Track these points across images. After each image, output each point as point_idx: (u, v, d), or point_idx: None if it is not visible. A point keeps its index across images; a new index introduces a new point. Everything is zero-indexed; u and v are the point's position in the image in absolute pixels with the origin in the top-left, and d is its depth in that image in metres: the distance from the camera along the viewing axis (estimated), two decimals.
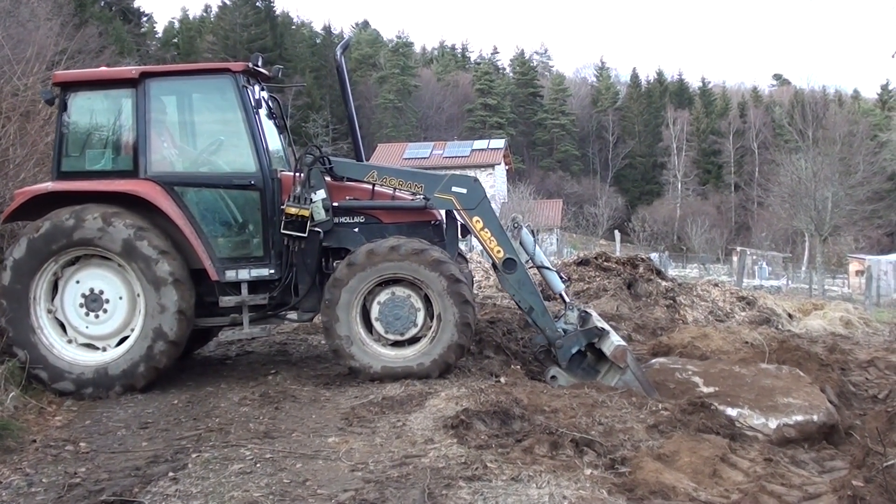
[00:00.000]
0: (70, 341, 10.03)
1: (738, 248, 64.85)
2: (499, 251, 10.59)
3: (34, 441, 7.99)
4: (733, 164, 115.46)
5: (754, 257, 64.96)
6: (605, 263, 20.21)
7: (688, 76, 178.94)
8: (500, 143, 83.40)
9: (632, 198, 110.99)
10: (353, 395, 9.55)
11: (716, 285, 21.24)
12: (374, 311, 10.14)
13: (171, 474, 6.85)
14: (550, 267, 11.59)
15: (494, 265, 10.79)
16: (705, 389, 9.74)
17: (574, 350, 10.38)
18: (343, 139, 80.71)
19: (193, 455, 7.36)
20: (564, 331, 10.57)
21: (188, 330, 10.19)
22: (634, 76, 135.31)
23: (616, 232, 55.23)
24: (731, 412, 9.06)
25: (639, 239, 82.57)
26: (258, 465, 7.11)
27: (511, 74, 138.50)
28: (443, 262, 9.99)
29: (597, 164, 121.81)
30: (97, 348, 10.08)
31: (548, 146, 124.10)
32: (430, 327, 10.17)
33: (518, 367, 10.61)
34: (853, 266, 61.65)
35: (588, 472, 6.88)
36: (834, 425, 9.20)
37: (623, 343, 10.13)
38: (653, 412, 8.68)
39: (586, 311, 11.18)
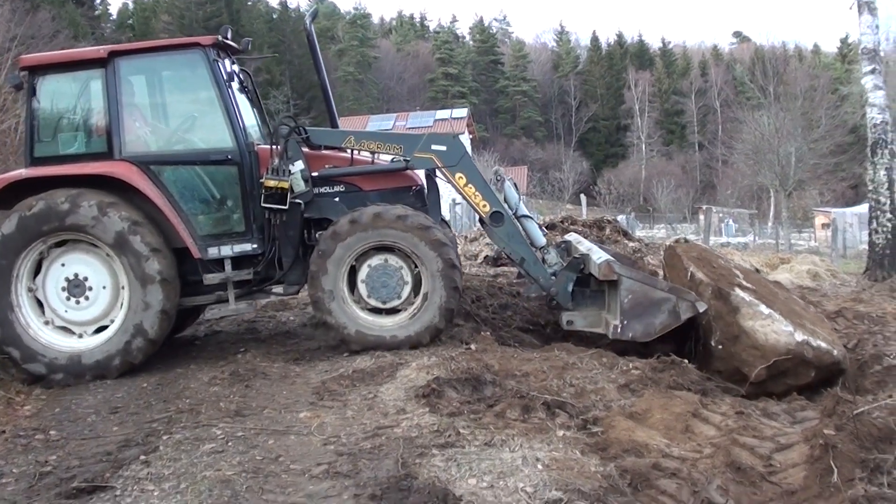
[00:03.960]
0: (47, 322, 9.93)
1: (704, 207, 65.09)
2: (484, 205, 10.57)
3: (3, 432, 7.88)
4: (696, 123, 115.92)
5: (721, 215, 65.30)
6: (572, 227, 20.12)
7: (648, 37, 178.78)
8: (462, 112, 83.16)
9: (596, 161, 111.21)
10: (323, 369, 9.51)
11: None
12: (363, 273, 10.12)
13: (142, 457, 6.78)
14: (533, 217, 11.49)
15: (481, 220, 10.77)
16: (745, 283, 9.72)
17: (570, 288, 10.39)
18: (304, 114, 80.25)
19: (164, 437, 7.28)
20: (554, 274, 10.55)
21: (168, 330, 10.12)
22: (594, 39, 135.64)
23: (582, 196, 55.45)
24: (764, 310, 9.10)
25: (605, 202, 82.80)
26: (230, 443, 7.05)
27: (471, 42, 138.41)
28: (443, 245, 9.96)
29: (560, 130, 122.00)
30: (73, 333, 9.99)
31: (510, 113, 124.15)
32: (414, 304, 10.16)
33: (488, 333, 10.55)
34: (819, 219, 62.04)
35: (560, 433, 6.87)
36: (843, 371, 9.25)
37: (606, 257, 9.98)
38: (623, 371, 8.71)
39: (564, 242, 11.22)
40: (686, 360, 9.10)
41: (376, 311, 10.22)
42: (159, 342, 9.99)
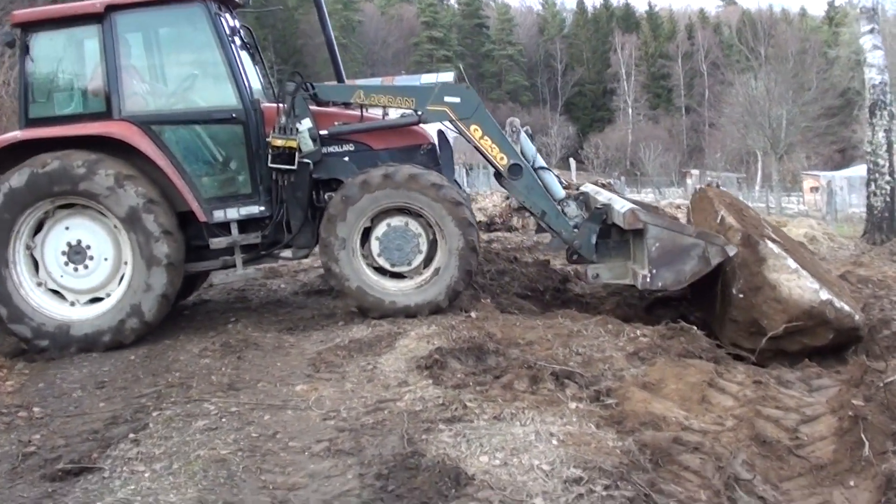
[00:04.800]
0: (40, 284, 9.56)
1: (692, 170, 64.92)
2: (502, 158, 10.16)
3: None
4: (683, 86, 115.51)
5: (709, 178, 65.07)
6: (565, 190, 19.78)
7: (634, 0, 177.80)
8: (448, 76, 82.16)
9: (583, 126, 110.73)
10: (318, 339, 9.15)
11: (677, 207, 21.03)
12: (380, 230, 9.78)
13: (131, 436, 6.41)
14: (550, 169, 11.08)
15: (498, 173, 10.37)
16: (774, 236, 9.48)
17: (593, 241, 10.00)
18: (283, 83, 79.38)
19: (154, 413, 6.92)
20: (576, 227, 10.15)
21: (166, 313, 9.73)
22: (580, 2, 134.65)
23: (571, 160, 55.07)
24: (791, 264, 8.84)
25: (593, 166, 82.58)
26: (224, 419, 6.71)
27: (456, 6, 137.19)
28: (470, 225, 9.68)
29: (546, 94, 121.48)
30: (66, 300, 9.62)
31: (496, 78, 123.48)
32: (423, 275, 9.85)
33: (488, 300, 10.27)
34: (808, 183, 61.87)
35: (573, 405, 6.56)
36: (860, 338, 9.02)
37: (630, 206, 9.60)
38: (631, 339, 8.42)
39: (582, 194, 10.87)
40: (695, 327, 8.81)
41: (381, 271, 9.90)
42: (154, 326, 9.61)
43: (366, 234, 9.82)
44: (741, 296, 9.12)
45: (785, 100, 60.79)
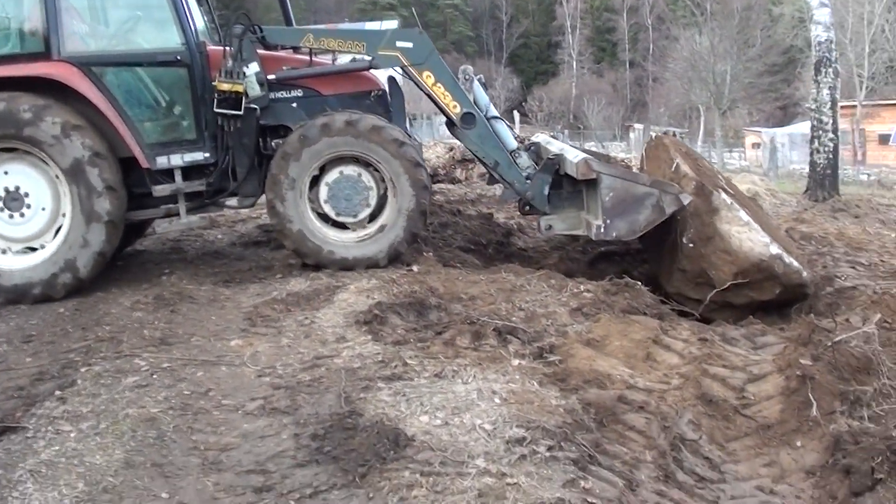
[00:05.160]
0: None
1: (636, 125, 65.06)
2: (455, 106, 9.98)
3: None
4: (628, 41, 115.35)
5: (653, 133, 65.20)
6: None
7: None
8: (392, 23, 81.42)
9: (527, 78, 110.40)
10: (254, 292, 8.91)
11: (621, 161, 20.90)
12: (332, 176, 9.59)
13: (58, 393, 6.13)
14: (503, 119, 10.90)
15: (450, 122, 10.19)
16: (727, 188, 9.49)
17: (546, 191, 9.85)
18: (228, 26, 78.32)
19: (83, 369, 6.63)
20: (528, 178, 9.99)
21: (100, 270, 9.39)
22: None
23: (515, 113, 54.92)
24: (743, 217, 8.84)
25: (536, 119, 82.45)
26: (155, 376, 6.45)
27: None
28: (425, 188, 9.57)
29: (491, 45, 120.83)
30: None
31: (441, 27, 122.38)
32: (367, 230, 9.68)
33: (430, 254, 10.08)
34: (750, 139, 62.28)
35: (516, 362, 6.41)
36: (807, 295, 9.06)
37: (582, 156, 9.44)
38: (575, 294, 8.31)
39: (533, 144, 10.77)
40: (639, 283, 8.72)
41: (324, 218, 9.68)
42: (88, 283, 9.26)
43: (316, 180, 9.60)
44: (691, 245, 9.08)
45: (729, 56, 61.13)
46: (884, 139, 55.68)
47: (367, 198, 9.63)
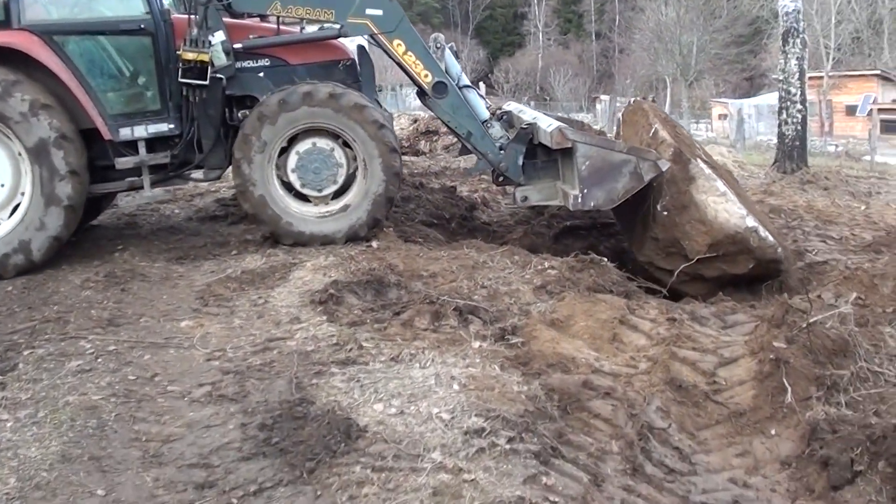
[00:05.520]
0: None
1: (602, 96, 64.92)
2: (426, 75, 9.73)
3: None
4: (594, 12, 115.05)
5: (618, 104, 65.16)
6: None
7: None
8: None
9: (493, 50, 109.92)
10: (208, 269, 8.62)
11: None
12: (304, 146, 9.31)
13: None
14: (475, 88, 10.68)
15: (422, 91, 9.95)
16: (704, 157, 9.38)
17: (520, 162, 9.64)
18: None
19: (26, 352, 6.30)
20: (501, 148, 9.76)
21: (54, 254, 9.04)
22: None
23: (481, 84, 54.47)
24: (720, 187, 8.72)
25: (503, 91, 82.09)
26: (100, 359, 6.15)
27: None
28: (396, 174, 9.39)
29: (457, 17, 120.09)
30: None
31: None
32: (329, 206, 9.41)
33: (390, 229, 9.77)
34: (716, 110, 62.21)
35: (476, 345, 6.13)
36: (780, 272, 8.91)
37: (557, 124, 9.22)
38: (539, 271, 8.05)
39: (505, 113, 10.61)
40: (605, 259, 8.50)
41: (288, 187, 9.40)
42: (40, 266, 8.92)
43: (285, 149, 9.36)
44: (665, 213, 8.92)
45: (695, 26, 61.34)
46: (851, 110, 55.73)
47: (335, 174, 9.37)
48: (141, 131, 9.42)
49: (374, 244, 9.00)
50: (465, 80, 10.43)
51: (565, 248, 10.48)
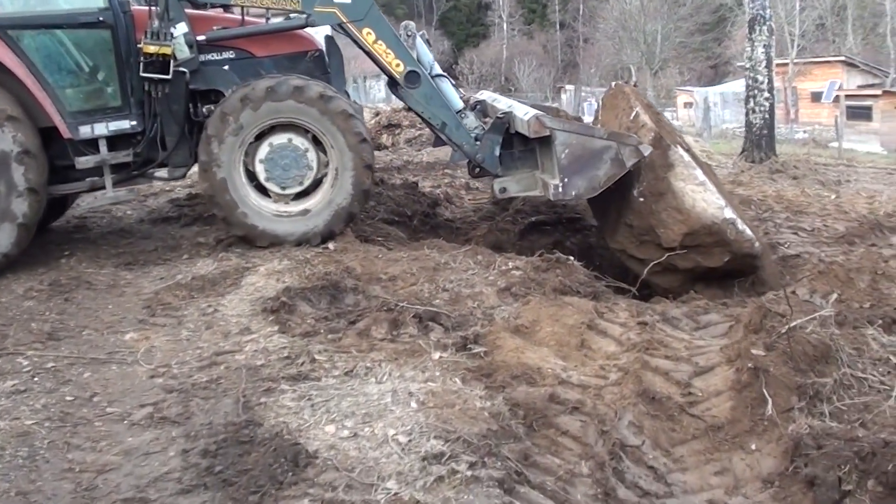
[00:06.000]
0: None
1: (567, 86, 64.86)
2: (398, 64, 9.42)
3: None
4: (558, 2, 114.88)
5: (584, 93, 65.18)
6: None
7: None
8: None
9: (458, 41, 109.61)
10: (158, 276, 8.24)
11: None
12: (278, 140, 8.94)
13: None
14: (447, 77, 10.40)
15: (393, 81, 9.63)
16: (685, 146, 9.06)
17: (497, 152, 9.36)
18: None
19: None
20: (477, 139, 9.48)
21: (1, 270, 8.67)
22: None
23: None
24: (699, 176, 8.52)
25: (468, 82, 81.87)
26: (36, 378, 5.77)
27: None
28: (366, 191, 9.16)
29: (421, 7, 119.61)
30: None
31: None
32: (288, 207, 9.05)
33: (348, 228, 9.40)
34: (682, 98, 62.22)
35: (437, 355, 5.78)
36: (755, 267, 8.72)
37: (533, 112, 8.93)
38: (503, 272, 7.76)
39: (479, 102, 10.34)
40: (572, 258, 8.21)
41: (251, 177, 9.02)
42: None
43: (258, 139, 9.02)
44: (641, 200, 8.72)
45: (660, 15, 61.40)
46: (816, 97, 55.82)
47: (303, 176, 9.03)
48: (101, 129, 9.05)
49: (331, 246, 8.67)
50: (438, 70, 10.16)
51: (531, 245, 10.29)
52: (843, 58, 57.59)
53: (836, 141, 28.33)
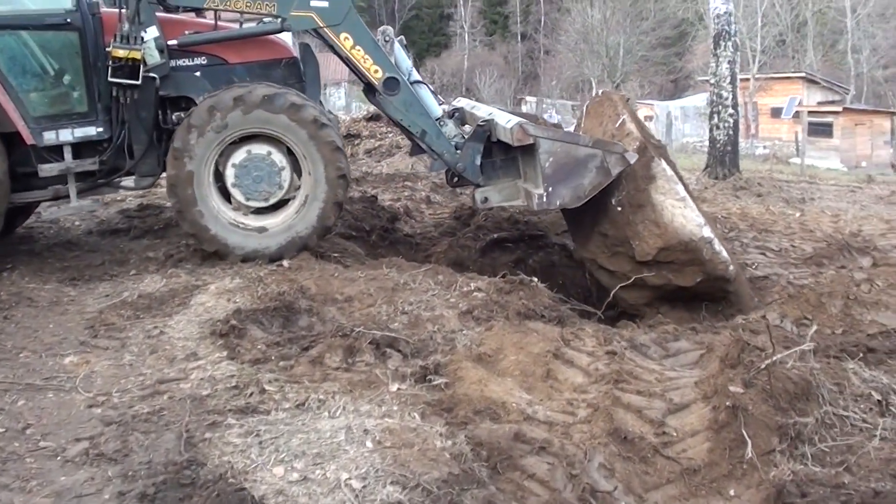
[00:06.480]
0: None
1: (528, 97, 64.85)
2: (376, 70, 9.15)
3: None
4: (519, 13, 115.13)
5: (544, 105, 65.31)
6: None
7: None
8: None
9: (420, 50, 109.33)
10: (103, 293, 7.89)
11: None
12: (258, 149, 8.72)
13: None
14: (426, 83, 10.16)
15: (370, 88, 9.36)
16: (669, 160, 8.79)
17: (478, 161, 9.10)
18: None
19: None
20: (457, 147, 9.21)
21: None
22: None
23: None
24: (680, 191, 8.31)
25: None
26: None
27: None
28: (339, 205, 8.94)
29: (384, 16, 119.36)
30: None
31: None
32: (246, 219, 8.80)
33: None
34: (642, 112, 62.30)
35: (394, 387, 5.45)
36: (727, 292, 8.57)
37: (516, 119, 8.67)
38: (464, 294, 7.47)
39: (456, 110, 10.10)
40: (535, 279, 7.91)
41: (218, 178, 8.74)
42: None
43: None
44: (619, 209, 8.53)
45: (622, 28, 61.63)
46: (776, 112, 56.12)
47: (271, 193, 8.79)
48: (67, 135, 8.78)
49: (286, 263, 8.34)
50: (416, 76, 9.94)
51: (492, 262, 10.07)
52: (803, 74, 58.08)
53: (797, 157, 28.34)
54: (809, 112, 45.42)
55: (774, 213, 13.73)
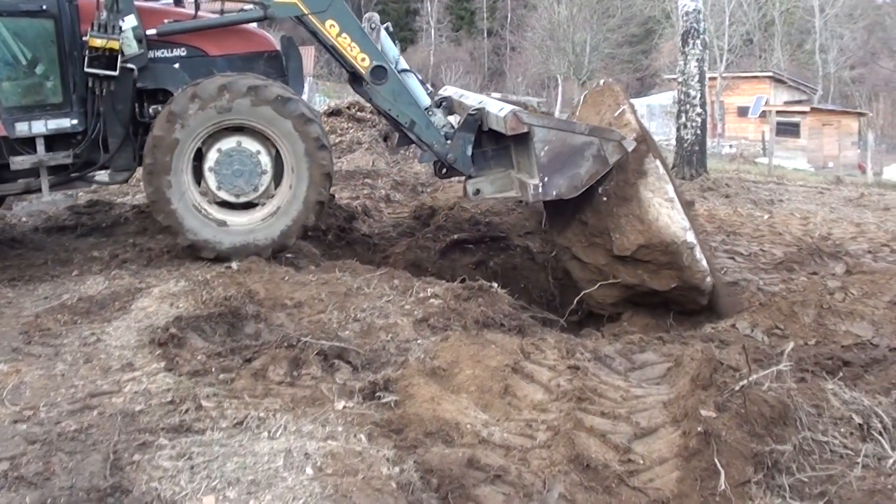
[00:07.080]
0: None
1: (494, 94, 64.68)
2: (363, 59, 8.86)
3: None
4: (486, 9, 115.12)
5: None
6: (359, 114, 18.61)
7: None
8: None
9: None
10: (43, 294, 7.52)
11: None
12: (231, 143, 8.42)
13: None
14: (413, 72, 9.90)
15: (355, 77, 9.13)
16: (663, 161, 8.54)
17: (469, 151, 8.82)
18: None
19: None
20: (447, 137, 8.93)
21: None
22: None
23: None
24: (670, 192, 8.08)
25: None
26: None
27: None
28: (321, 203, 8.68)
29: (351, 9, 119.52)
30: None
31: None
32: (212, 210, 8.50)
33: None
34: None
35: (340, 405, 5.07)
36: (699, 305, 8.36)
37: (509, 108, 8.34)
38: (420, 300, 7.18)
39: (443, 99, 9.70)
40: (495, 285, 7.61)
41: (197, 169, 8.45)
42: None
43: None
44: (604, 199, 8.25)
45: (589, 25, 61.70)
46: (743, 111, 56.25)
47: (243, 192, 8.50)
48: (39, 127, 8.54)
49: (234, 265, 7.96)
50: (404, 64, 9.70)
51: (452, 265, 9.83)
52: (770, 73, 58.27)
53: (763, 156, 28.23)
54: (777, 112, 45.50)
55: (742, 216, 13.58)
